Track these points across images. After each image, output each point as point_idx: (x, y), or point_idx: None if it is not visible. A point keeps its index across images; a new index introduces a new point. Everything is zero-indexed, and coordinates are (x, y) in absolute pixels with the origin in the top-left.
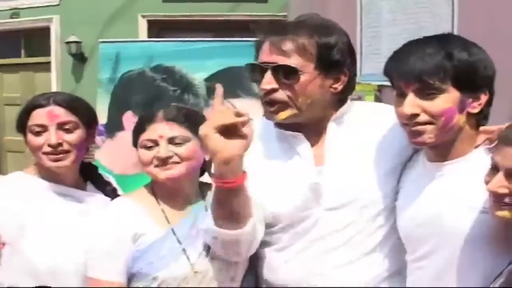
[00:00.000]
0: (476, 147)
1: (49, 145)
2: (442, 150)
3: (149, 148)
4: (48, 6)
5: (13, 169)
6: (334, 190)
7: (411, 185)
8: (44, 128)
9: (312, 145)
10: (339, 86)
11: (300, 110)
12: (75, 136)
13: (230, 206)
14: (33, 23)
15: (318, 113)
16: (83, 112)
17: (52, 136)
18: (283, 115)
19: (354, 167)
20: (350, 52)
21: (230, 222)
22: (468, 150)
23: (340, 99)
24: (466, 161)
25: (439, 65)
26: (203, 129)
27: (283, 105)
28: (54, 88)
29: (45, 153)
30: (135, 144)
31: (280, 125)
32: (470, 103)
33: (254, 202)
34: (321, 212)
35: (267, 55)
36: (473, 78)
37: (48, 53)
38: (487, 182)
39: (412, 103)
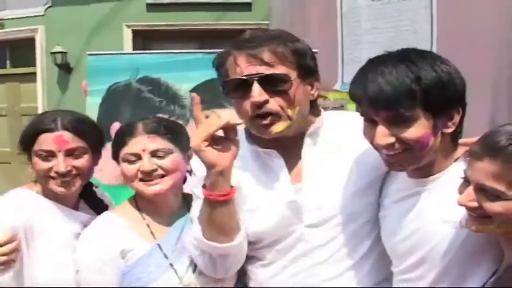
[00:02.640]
0: (456, 160)
1: (57, 172)
2: (422, 168)
3: (132, 162)
4: (33, 16)
5: (2, 181)
6: (314, 207)
7: (393, 201)
8: (51, 154)
9: (288, 161)
10: (315, 93)
11: (292, 120)
12: (83, 161)
13: (221, 218)
14: (18, 33)
15: (301, 124)
16: (91, 135)
17: (61, 164)
18: (279, 127)
19: (332, 183)
20: (316, 59)
21: (220, 236)
22: (448, 164)
23: (314, 107)
24: (446, 176)
25: (408, 92)
26: (194, 144)
27: (276, 117)
28: (39, 99)
29: (52, 178)
30: (115, 157)
31: (253, 141)
32: (444, 124)
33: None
34: (302, 229)
35: (247, 68)
36: (444, 99)
37: (33, 64)
38: (460, 194)
39: (384, 133)
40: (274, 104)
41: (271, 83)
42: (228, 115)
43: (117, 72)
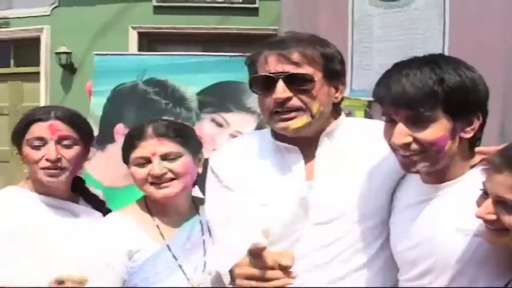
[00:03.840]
0: (472, 167)
1: (48, 160)
2: (437, 173)
3: (142, 165)
4: (39, 16)
5: (2, 179)
6: (323, 205)
7: (405, 206)
8: (43, 142)
9: (304, 159)
10: (339, 96)
11: (314, 117)
12: (74, 152)
13: None
14: (23, 33)
15: (321, 125)
16: (83, 128)
17: (52, 150)
18: (298, 122)
19: (344, 182)
20: (344, 64)
21: None
22: (463, 171)
23: (336, 110)
24: (461, 183)
25: (430, 93)
26: None
27: (300, 112)
28: (42, 99)
29: (42, 168)
30: (126, 161)
31: (277, 137)
32: (463, 129)
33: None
34: (309, 227)
35: (275, 66)
36: (465, 103)
37: (37, 63)
38: (478, 207)
39: (402, 132)
40: (298, 100)
41: (296, 82)
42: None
43: (123, 73)
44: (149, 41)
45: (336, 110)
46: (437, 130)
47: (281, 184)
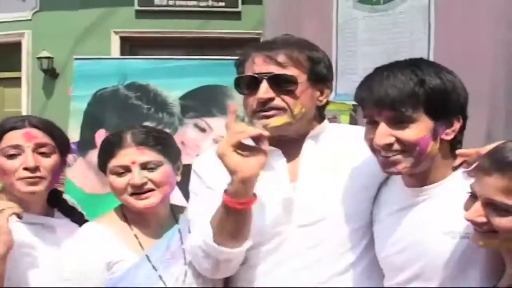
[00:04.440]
0: (454, 169)
1: (26, 168)
2: (418, 176)
3: (120, 174)
4: (20, 21)
5: None
6: (306, 207)
7: (389, 212)
8: (19, 150)
9: (288, 161)
10: (324, 99)
11: (295, 118)
12: (52, 161)
13: (235, 225)
14: (5, 37)
15: (303, 127)
16: (59, 136)
17: (29, 158)
18: (278, 121)
19: (327, 185)
20: (331, 68)
21: (230, 241)
22: (445, 174)
23: (320, 114)
24: (444, 186)
25: (411, 93)
26: (220, 148)
27: (281, 111)
28: (24, 104)
29: (20, 178)
30: (102, 168)
31: None
32: (444, 130)
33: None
34: (292, 229)
35: (261, 67)
36: (446, 105)
37: (19, 68)
38: (466, 210)
39: (384, 132)
40: (280, 101)
41: (279, 83)
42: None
43: (104, 77)
44: (132, 46)
45: (320, 114)
46: (419, 130)
47: (264, 186)
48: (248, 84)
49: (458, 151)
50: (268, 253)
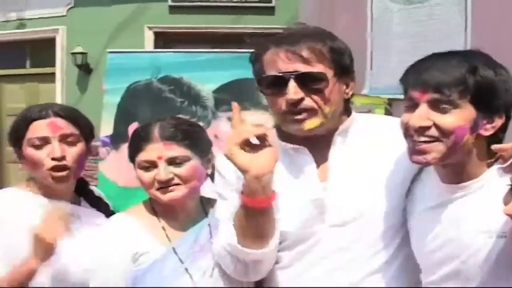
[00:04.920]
0: (489, 165)
1: (53, 159)
2: (454, 171)
3: (147, 169)
4: (54, 17)
5: (15, 181)
6: (338, 206)
7: (424, 208)
8: (45, 141)
9: (316, 160)
10: (350, 92)
11: (327, 118)
12: (78, 149)
13: (258, 225)
14: (39, 33)
15: (333, 123)
16: (83, 124)
17: (56, 149)
18: (311, 124)
19: (359, 183)
20: (353, 58)
21: (255, 242)
22: (481, 171)
23: (347, 108)
24: (481, 183)
25: (460, 77)
26: (226, 148)
27: (312, 113)
28: (58, 99)
29: (48, 169)
30: (132, 161)
31: (284, 138)
32: (484, 125)
33: None
34: (325, 230)
35: (284, 65)
36: (492, 98)
37: (53, 64)
38: (505, 204)
39: (423, 114)
40: (310, 101)
41: (308, 81)
42: (260, 120)
43: (137, 70)
44: (165, 41)
45: (346, 107)
46: (459, 117)
47: (293, 186)
48: (273, 84)
49: (494, 146)
50: (302, 254)
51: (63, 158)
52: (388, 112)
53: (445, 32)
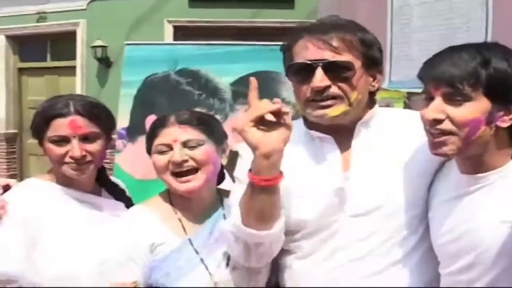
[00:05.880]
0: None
1: (72, 157)
2: (473, 162)
3: (163, 153)
4: (74, 10)
5: (35, 172)
6: (359, 196)
7: (444, 199)
8: (66, 139)
9: (340, 149)
10: (376, 84)
11: (352, 106)
12: (97, 146)
13: (262, 205)
14: (60, 27)
15: (357, 114)
16: (104, 120)
17: (76, 149)
18: (336, 111)
19: (381, 173)
20: (382, 52)
21: (258, 223)
22: (503, 162)
23: (372, 100)
24: (501, 174)
25: (472, 71)
26: (239, 124)
27: (338, 100)
28: (78, 92)
29: (66, 163)
30: (149, 151)
31: (310, 126)
32: (501, 116)
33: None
34: (345, 219)
35: (314, 53)
36: (507, 90)
37: (73, 57)
38: None
39: (437, 107)
40: (336, 88)
41: (335, 70)
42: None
43: (155, 63)
44: (184, 35)
45: (371, 100)
46: (473, 109)
47: (316, 174)
48: (301, 72)
49: None
50: (322, 243)
51: (83, 157)
52: (407, 106)
53: (465, 25)
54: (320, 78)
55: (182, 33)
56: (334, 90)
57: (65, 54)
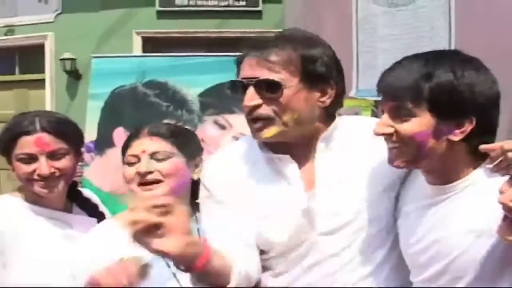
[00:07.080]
0: (476, 166)
1: (40, 175)
2: (437, 175)
3: (131, 164)
4: (42, 23)
5: (6, 187)
6: (328, 214)
7: (412, 209)
8: (33, 157)
9: (301, 167)
10: (327, 100)
11: (287, 126)
12: (66, 162)
13: (209, 279)
14: (28, 40)
15: (307, 130)
16: (72, 136)
17: (43, 166)
18: (269, 132)
19: (347, 188)
20: (336, 64)
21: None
22: (467, 172)
23: (329, 115)
24: (466, 183)
25: (414, 86)
26: (132, 238)
27: (269, 122)
28: (48, 105)
29: (36, 180)
30: (123, 162)
31: (266, 146)
32: (452, 130)
33: (234, 232)
34: (315, 238)
35: (248, 70)
36: (454, 103)
37: (42, 70)
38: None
39: (384, 122)
40: (267, 109)
41: (265, 88)
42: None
43: (122, 75)
44: (153, 46)
45: (329, 114)
46: (416, 125)
47: (280, 195)
48: (237, 90)
49: (481, 146)
50: (295, 262)
51: (51, 174)
52: (374, 114)
53: (429, 34)
54: (249, 97)
55: (151, 44)
56: (263, 111)
57: (34, 67)
